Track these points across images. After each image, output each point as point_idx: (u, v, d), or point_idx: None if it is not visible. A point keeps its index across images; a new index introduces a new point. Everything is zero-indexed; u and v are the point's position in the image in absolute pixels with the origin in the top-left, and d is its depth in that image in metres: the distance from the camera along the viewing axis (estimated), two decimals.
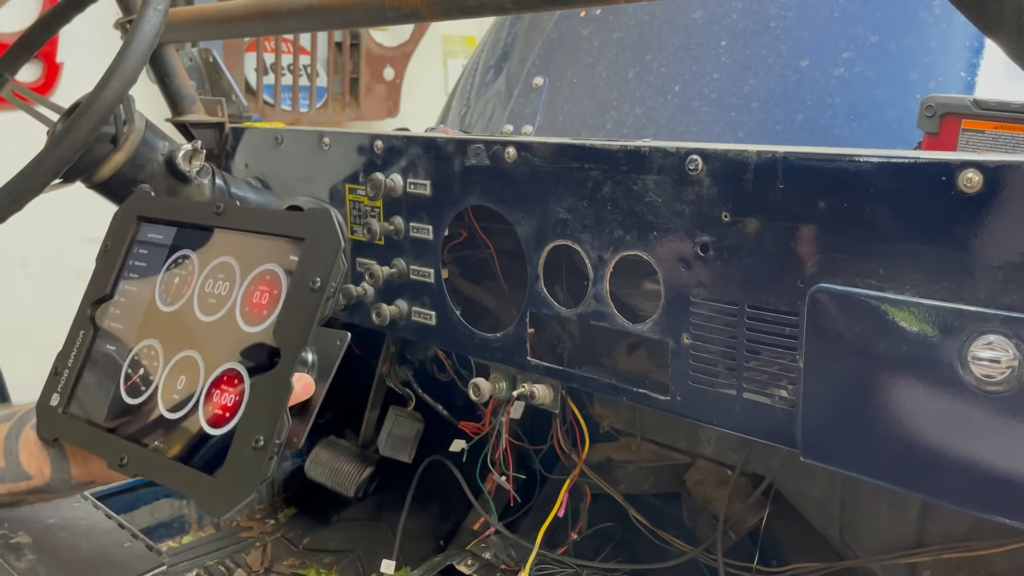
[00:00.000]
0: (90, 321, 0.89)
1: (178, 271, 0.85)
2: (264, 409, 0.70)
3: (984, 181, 0.72)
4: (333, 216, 0.74)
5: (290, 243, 0.76)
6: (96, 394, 0.86)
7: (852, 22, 1.30)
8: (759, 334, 0.87)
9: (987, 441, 0.73)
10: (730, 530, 1.25)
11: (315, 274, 0.72)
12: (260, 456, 0.69)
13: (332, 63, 3.89)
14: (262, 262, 0.78)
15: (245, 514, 1.86)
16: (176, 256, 0.86)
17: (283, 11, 1.16)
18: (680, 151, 0.91)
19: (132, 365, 0.84)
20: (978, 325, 0.72)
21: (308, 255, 0.74)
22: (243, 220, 0.82)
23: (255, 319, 0.76)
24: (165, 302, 0.85)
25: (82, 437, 0.85)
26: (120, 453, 0.80)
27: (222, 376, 0.76)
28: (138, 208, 0.92)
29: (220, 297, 0.80)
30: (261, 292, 0.77)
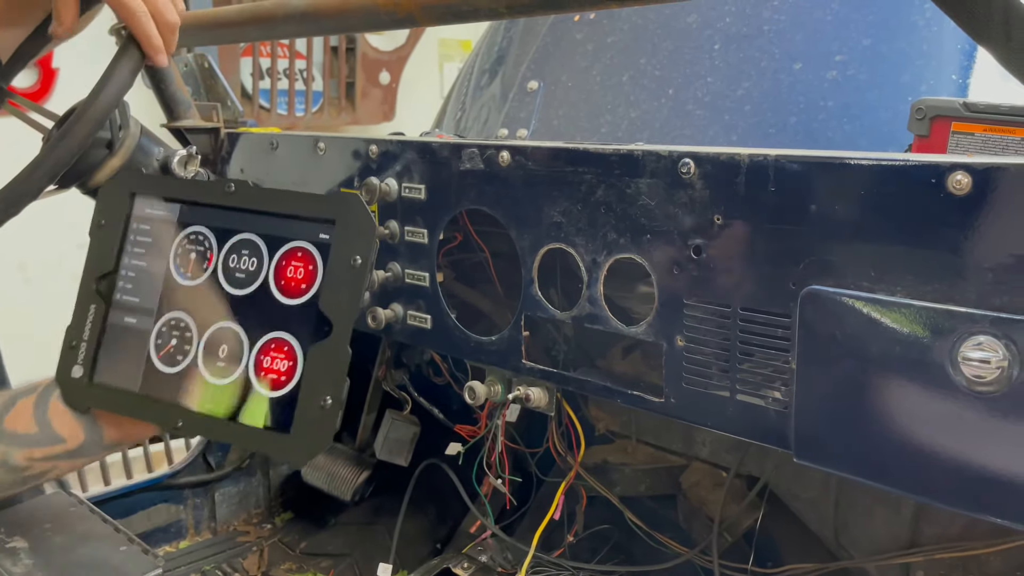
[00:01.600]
0: (98, 295, 0.93)
1: (193, 247, 0.89)
2: (326, 373, 0.79)
3: (973, 183, 0.72)
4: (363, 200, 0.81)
5: (318, 223, 0.82)
6: (124, 364, 0.90)
7: (844, 25, 1.31)
8: (752, 336, 0.88)
9: (978, 441, 0.73)
10: (725, 532, 1.25)
11: (355, 252, 0.80)
12: (331, 414, 0.78)
13: (328, 67, 3.90)
14: (290, 239, 0.84)
15: (242, 518, 1.86)
16: (188, 232, 0.90)
17: (278, 17, 1.16)
18: (673, 154, 0.92)
19: (161, 336, 0.89)
20: (968, 326, 0.72)
21: (343, 235, 0.80)
22: (262, 200, 0.86)
23: (294, 292, 0.83)
24: (184, 276, 0.90)
25: (120, 405, 0.90)
26: (173, 418, 0.87)
27: (269, 344, 0.82)
28: (130, 185, 0.95)
29: (249, 272, 0.85)
30: (295, 267, 0.83)
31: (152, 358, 0.90)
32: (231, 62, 3.51)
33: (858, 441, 0.81)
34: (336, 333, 0.79)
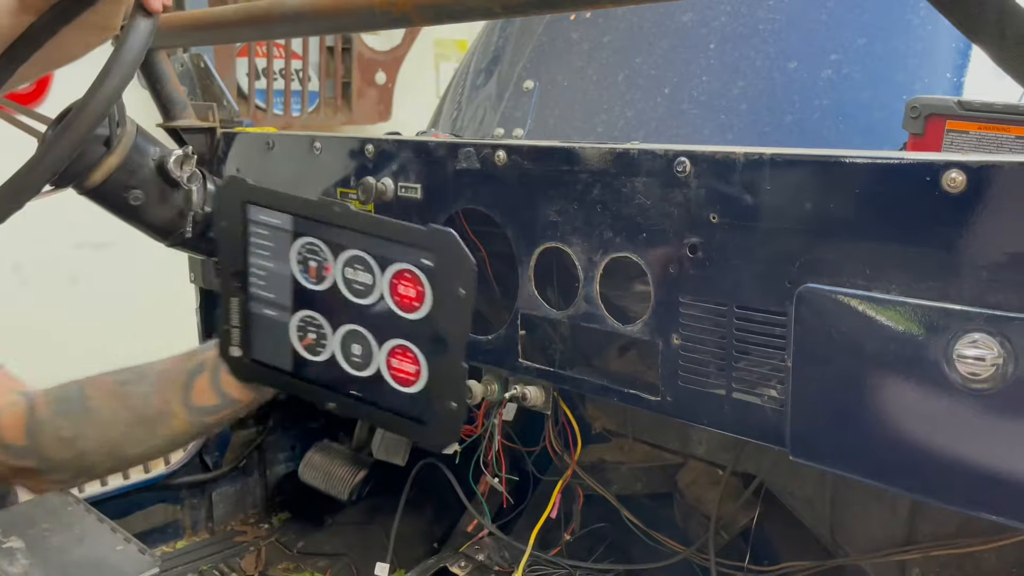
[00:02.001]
0: (238, 289, 1.06)
1: (311, 255, 1.01)
2: (448, 382, 0.93)
3: (968, 181, 0.73)
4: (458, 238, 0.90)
5: (419, 250, 0.92)
6: (274, 347, 1.05)
7: (839, 25, 1.31)
8: (748, 334, 0.88)
9: (974, 438, 0.74)
10: (722, 530, 1.25)
11: (458, 285, 0.90)
12: (458, 414, 0.93)
13: (324, 67, 3.89)
14: (395, 261, 0.94)
15: (239, 518, 1.86)
16: (304, 242, 1.01)
17: (274, 17, 1.16)
18: (668, 153, 0.92)
19: (300, 329, 1.02)
20: (963, 323, 0.73)
21: (444, 267, 0.91)
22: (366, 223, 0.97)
23: (408, 308, 0.95)
24: (309, 280, 1.01)
25: (277, 381, 1.06)
26: (326, 399, 1.02)
27: (395, 348, 0.96)
28: (242, 194, 1.05)
29: (366, 285, 0.97)
30: (405, 286, 0.94)
31: (296, 346, 1.03)
32: (227, 62, 3.51)
33: (854, 439, 0.81)
34: (452, 351, 0.92)
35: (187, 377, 1.09)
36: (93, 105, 0.96)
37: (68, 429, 1.09)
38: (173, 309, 2.30)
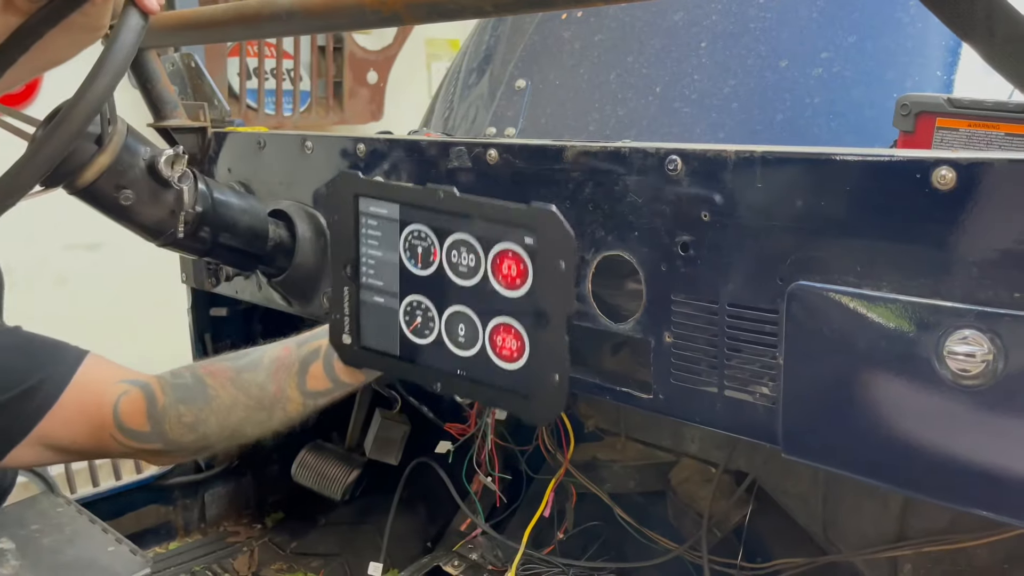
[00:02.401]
0: (350, 279, 1.11)
1: (418, 242, 1.05)
2: (551, 357, 0.95)
3: (958, 178, 0.73)
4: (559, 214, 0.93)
5: (521, 228, 0.95)
6: (383, 333, 1.10)
7: (830, 23, 1.31)
8: (739, 332, 0.88)
9: (965, 435, 0.74)
10: (715, 527, 1.25)
11: (559, 259, 0.93)
12: (561, 387, 0.95)
13: (315, 67, 3.88)
14: (499, 241, 0.97)
15: (232, 518, 1.85)
16: (411, 229, 1.05)
17: (264, 16, 1.16)
18: (660, 151, 0.92)
19: (408, 314, 1.07)
20: (954, 320, 0.73)
21: (546, 243, 0.94)
22: (469, 207, 1.00)
23: (511, 286, 0.98)
24: (416, 266, 1.06)
25: (386, 366, 1.12)
26: (432, 379, 1.06)
27: (498, 326, 0.99)
28: (352, 187, 1.10)
29: (470, 267, 1.01)
30: (508, 265, 0.97)
31: (404, 331, 1.07)
32: (218, 62, 3.50)
33: (846, 436, 0.81)
34: (554, 325, 0.95)
35: (301, 364, 1.17)
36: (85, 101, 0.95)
37: (190, 415, 1.17)
38: (165, 310, 2.30)
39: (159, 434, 1.18)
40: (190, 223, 1.26)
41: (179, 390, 1.19)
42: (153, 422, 1.18)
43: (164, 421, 1.18)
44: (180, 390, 1.19)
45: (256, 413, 1.18)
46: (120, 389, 1.20)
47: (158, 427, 1.18)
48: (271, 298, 1.48)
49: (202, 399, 1.18)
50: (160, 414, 1.18)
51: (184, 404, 1.18)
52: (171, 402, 1.18)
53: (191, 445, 1.20)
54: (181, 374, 1.22)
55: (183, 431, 1.18)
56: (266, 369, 1.19)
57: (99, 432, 1.19)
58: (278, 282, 1.40)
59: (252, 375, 1.19)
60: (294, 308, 1.45)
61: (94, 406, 1.19)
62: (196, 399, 1.18)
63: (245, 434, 1.20)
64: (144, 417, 1.18)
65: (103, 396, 1.19)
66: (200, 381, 1.20)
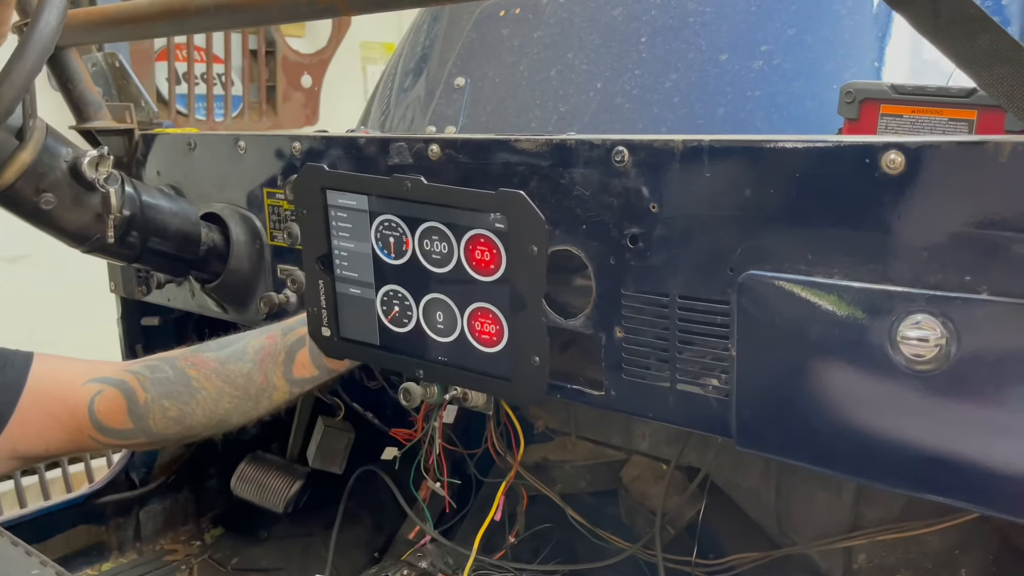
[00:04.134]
0: (323, 271, 1.12)
1: (390, 232, 1.05)
2: (530, 339, 0.96)
3: (907, 162, 0.73)
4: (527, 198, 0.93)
5: (491, 214, 0.96)
6: (361, 324, 1.11)
7: (769, 15, 1.31)
8: (691, 324, 0.87)
9: (919, 420, 0.74)
10: (668, 525, 1.24)
11: (531, 243, 0.93)
12: (542, 369, 0.96)
13: (247, 71, 3.80)
14: (470, 227, 0.98)
15: (169, 536, 1.79)
16: (381, 219, 1.05)
17: (190, 9, 1.11)
18: (606, 143, 0.90)
19: (385, 303, 1.08)
20: (905, 305, 0.73)
21: (517, 227, 0.94)
22: (438, 195, 1.00)
23: (486, 271, 0.98)
24: (389, 256, 1.06)
25: (366, 355, 1.14)
26: (413, 367, 1.08)
27: (476, 311, 1.00)
28: (319, 180, 1.09)
29: (443, 254, 1.01)
30: (482, 251, 0.98)
31: (383, 320, 1.08)
32: (145, 66, 3.40)
33: (800, 426, 0.80)
34: (530, 309, 0.95)
35: (287, 353, 1.18)
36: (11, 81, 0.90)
37: (175, 409, 1.17)
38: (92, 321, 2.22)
39: (143, 429, 1.18)
40: (117, 228, 1.21)
41: (161, 384, 1.18)
42: (135, 418, 1.17)
43: (147, 417, 1.17)
44: (162, 384, 1.18)
45: (243, 403, 1.19)
46: (92, 389, 1.17)
47: (141, 423, 1.17)
48: (205, 305, 1.43)
49: (187, 393, 1.18)
50: (143, 410, 1.17)
51: (168, 399, 1.17)
52: (154, 397, 1.17)
53: (176, 436, 1.21)
54: (159, 367, 1.20)
55: (168, 424, 1.18)
56: (251, 359, 1.19)
57: (75, 435, 1.17)
58: (212, 288, 1.35)
59: (237, 366, 1.19)
60: (230, 315, 1.40)
61: (64, 412, 1.16)
62: (180, 393, 1.18)
63: (231, 423, 1.21)
64: (125, 415, 1.17)
65: (73, 399, 1.17)
66: (183, 374, 1.19)
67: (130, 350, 1.67)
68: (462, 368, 1.04)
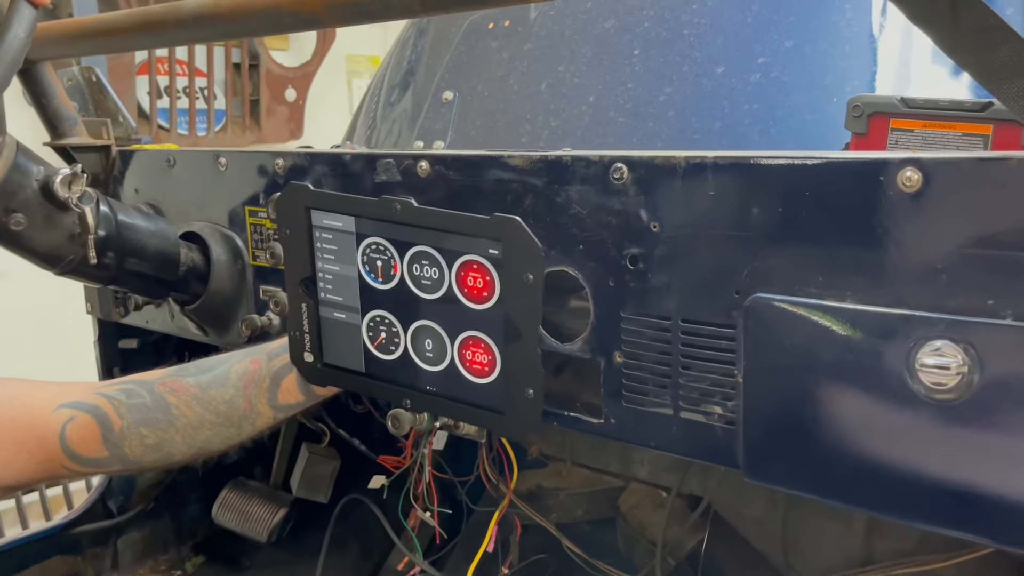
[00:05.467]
0: (307, 295, 1.07)
1: (377, 255, 1.01)
2: (523, 369, 0.91)
3: (923, 179, 0.69)
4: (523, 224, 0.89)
5: (485, 240, 0.92)
6: (345, 350, 1.06)
7: (766, 27, 1.28)
8: (695, 349, 0.83)
9: (939, 451, 0.70)
10: (668, 555, 1.19)
11: (526, 271, 0.89)
12: (536, 402, 0.91)
13: (230, 85, 3.75)
14: (462, 253, 0.94)
15: (148, 566, 1.73)
16: (368, 242, 1.01)
17: (168, 21, 1.07)
18: (604, 159, 0.86)
19: (371, 329, 1.03)
20: (924, 331, 0.69)
21: (512, 254, 0.90)
22: (429, 219, 0.96)
23: (478, 299, 0.94)
24: (376, 280, 1.01)
25: (351, 383, 1.08)
26: (400, 396, 1.02)
27: (467, 340, 0.96)
28: (303, 200, 1.04)
29: (433, 280, 0.97)
30: (474, 278, 0.93)
31: (368, 347, 1.04)
32: (126, 80, 3.34)
33: (812, 457, 0.76)
34: (525, 339, 0.91)
35: (273, 379, 1.13)
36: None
37: (153, 436, 1.12)
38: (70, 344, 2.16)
39: (118, 457, 1.13)
40: (97, 247, 1.16)
41: (138, 411, 1.13)
42: (111, 446, 1.12)
43: (123, 444, 1.13)
44: (139, 411, 1.13)
45: (224, 430, 1.14)
46: (62, 416, 1.12)
47: (116, 451, 1.13)
48: (185, 327, 1.38)
49: (165, 420, 1.13)
50: (118, 438, 1.12)
51: (146, 426, 1.12)
52: (130, 424, 1.12)
53: (154, 463, 1.17)
54: (136, 392, 1.15)
55: (145, 451, 1.14)
56: (234, 384, 1.14)
57: (47, 464, 1.12)
58: (192, 310, 1.30)
59: (219, 392, 1.14)
60: (210, 337, 1.35)
61: (34, 441, 1.11)
62: (159, 420, 1.13)
63: (211, 450, 1.17)
64: (99, 443, 1.12)
65: (43, 427, 1.11)
66: (161, 400, 1.14)
67: (107, 373, 1.61)
68: (452, 399, 0.99)
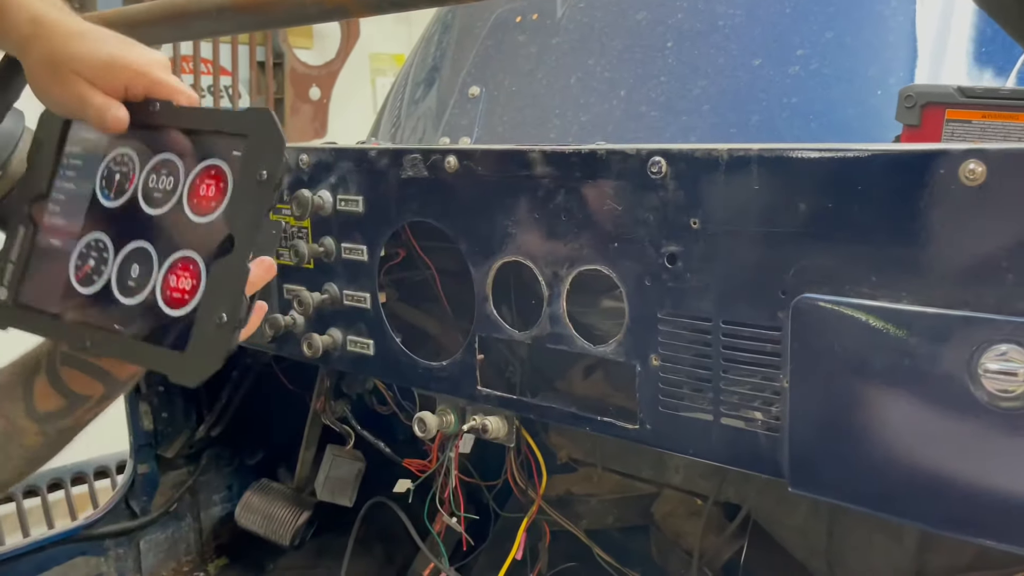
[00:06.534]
0: (29, 218, 0.91)
1: (118, 168, 0.87)
2: (224, 290, 0.76)
3: (988, 172, 0.64)
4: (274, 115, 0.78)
5: (232, 139, 0.79)
6: (46, 285, 0.90)
7: (804, 18, 1.24)
8: (737, 352, 0.79)
9: (1004, 463, 0.65)
10: (705, 566, 1.15)
11: (262, 168, 0.76)
12: (225, 331, 0.75)
13: (255, 83, 3.75)
14: (206, 157, 0.81)
15: (171, 567, 1.72)
16: (115, 154, 0.87)
17: (191, 13, 1.04)
18: (641, 153, 0.82)
19: (80, 257, 0.87)
20: (988, 334, 0.64)
21: (253, 150, 0.78)
22: (180, 119, 0.83)
23: (204, 210, 0.80)
24: (108, 197, 0.87)
25: (38, 326, 0.90)
26: (83, 337, 0.85)
27: (176, 263, 0.80)
28: None
29: (165, 192, 0.83)
30: (207, 185, 0.80)
31: (71, 279, 0.88)
32: None
33: (863, 467, 0.72)
34: (237, 249, 0.76)
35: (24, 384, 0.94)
36: None
37: None
38: None
39: None
40: None
41: None
42: None
43: None
44: None
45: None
46: None
47: None
48: None
49: None
50: None
51: None
52: None
53: None
54: None
55: None
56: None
57: None
58: None
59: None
60: None
61: None
62: None
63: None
64: None
65: None
66: None
67: None
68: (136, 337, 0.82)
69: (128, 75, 0.83)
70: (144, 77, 0.83)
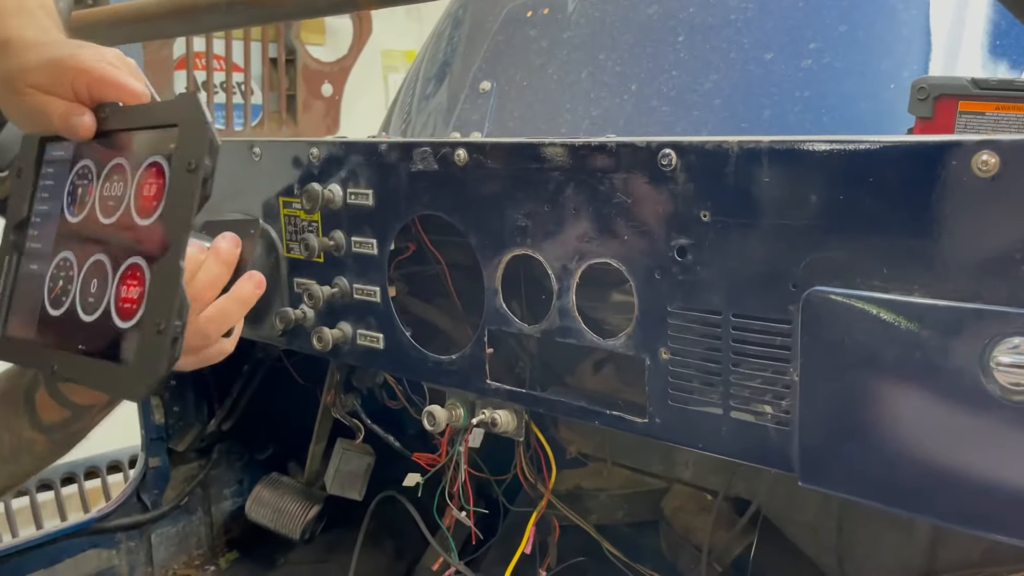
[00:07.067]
0: (13, 246, 0.88)
1: (80, 181, 0.84)
2: (162, 295, 0.72)
3: (1002, 163, 0.64)
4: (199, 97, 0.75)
5: (168, 131, 0.76)
6: (27, 312, 0.87)
7: (817, 11, 1.23)
8: (747, 345, 0.78)
9: (1017, 457, 0.64)
10: (714, 561, 1.15)
11: (190, 156, 0.72)
12: (165, 339, 0.70)
13: (267, 80, 3.76)
14: (148, 155, 0.77)
15: (183, 560, 1.73)
16: (79, 167, 0.84)
17: (201, 6, 1.05)
18: (651, 145, 0.82)
19: (52, 279, 0.84)
20: (1000, 327, 0.64)
21: (184, 140, 0.74)
22: (126, 119, 0.80)
23: (147, 211, 0.76)
24: (73, 213, 0.84)
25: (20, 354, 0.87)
26: (51, 362, 0.81)
27: (127, 271, 0.76)
28: None
29: (117, 198, 0.79)
30: (149, 184, 0.76)
31: (45, 303, 0.84)
32: (164, 76, 3.36)
33: (874, 462, 0.71)
34: (171, 248, 0.72)
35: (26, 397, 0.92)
36: None
37: None
38: None
39: None
40: None
41: None
42: None
43: None
44: None
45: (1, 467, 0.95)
46: None
47: None
48: None
49: None
50: None
51: None
52: None
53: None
54: None
55: None
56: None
57: None
58: None
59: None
60: (244, 332, 1.33)
61: None
62: None
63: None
64: None
65: None
66: None
67: None
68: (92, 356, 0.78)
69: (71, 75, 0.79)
70: (86, 75, 0.79)
